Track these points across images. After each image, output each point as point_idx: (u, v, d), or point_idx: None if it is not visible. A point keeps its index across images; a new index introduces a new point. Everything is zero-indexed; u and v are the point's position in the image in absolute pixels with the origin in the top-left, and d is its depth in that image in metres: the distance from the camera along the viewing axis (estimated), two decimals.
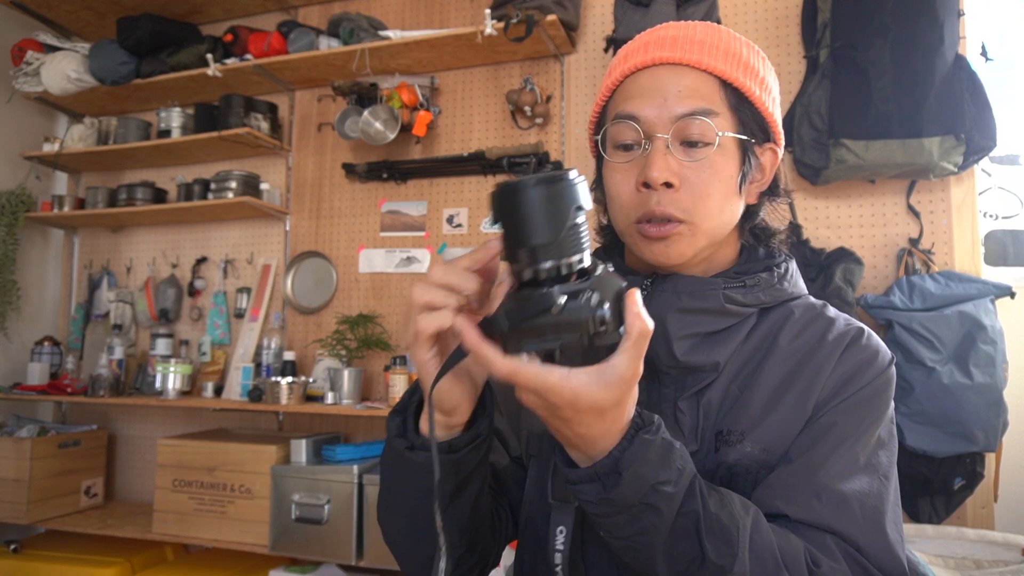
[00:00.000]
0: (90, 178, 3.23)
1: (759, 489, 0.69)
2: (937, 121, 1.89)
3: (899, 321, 1.91)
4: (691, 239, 0.74)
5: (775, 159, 0.80)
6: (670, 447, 0.59)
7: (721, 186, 0.73)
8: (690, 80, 0.74)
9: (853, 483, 0.67)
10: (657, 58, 0.75)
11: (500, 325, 0.53)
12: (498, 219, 0.54)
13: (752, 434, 0.71)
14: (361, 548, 2.21)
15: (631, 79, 0.77)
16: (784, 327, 0.76)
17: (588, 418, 0.55)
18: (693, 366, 0.73)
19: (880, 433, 0.71)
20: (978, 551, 1.71)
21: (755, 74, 0.77)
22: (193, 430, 2.84)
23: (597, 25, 2.51)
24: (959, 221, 2.05)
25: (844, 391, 0.71)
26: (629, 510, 0.57)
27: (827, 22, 2.06)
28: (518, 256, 0.54)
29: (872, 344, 0.75)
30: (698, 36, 0.76)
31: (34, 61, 2.81)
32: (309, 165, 2.87)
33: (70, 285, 3.20)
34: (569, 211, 0.52)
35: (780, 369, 0.73)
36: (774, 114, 0.79)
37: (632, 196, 0.74)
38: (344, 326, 2.62)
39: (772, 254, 0.82)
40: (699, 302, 0.73)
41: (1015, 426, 1.89)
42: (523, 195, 0.52)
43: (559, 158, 2.49)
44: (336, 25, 2.58)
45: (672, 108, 0.73)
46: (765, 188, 0.81)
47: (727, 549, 0.59)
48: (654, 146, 0.73)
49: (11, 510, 2.53)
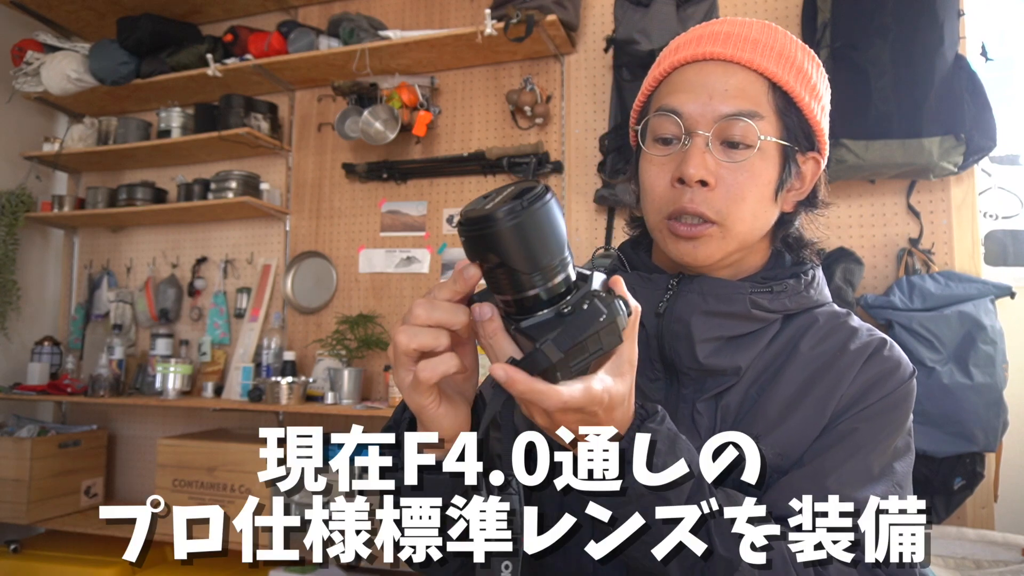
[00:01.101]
0: (90, 178, 3.23)
1: (770, 492, 0.68)
2: (937, 121, 1.89)
3: (899, 321, 1.91)
4: (721, 242, 0.72)
5: (817, 169, 0.79)
6: (676, 437, 0.59)
7: (757, 191, 0.72)
8: (738, 79, 0.72)
9: (865, 491, 0.66)
10: (707, 53, 0.73)
11: (551, 356, 0.50)
12: (497, 252, 0.49)
13: (767, 438, 0.70)
14: None
15: (679, 72, 0.75)
16: (807, 334, 0.75)
17: (614, 414, 0.55)
18: (714, 369, 0.72)
19: (897, 444, 0.71)
20: (978, 551, 1.71)
21: (807, 80, 0.76)
22: (193, 430, 2.84)
23: (597, 25, 2.51)
24: (959, 221, 2.05)
25: (864, 400, 0.71)
26: (639, 500, 0.57)
27: (827, 22, 2.05)
28: (532, 281, 0.50)
29: (895, 355, 0.74)
30: (753, 35, 0.75)
31: (34, 61, 2.81)
32: (309, 165, 2.87)
33: (70, 285, 3.20)
34: (563, 224, 0.51)
35: (800, 375, 0.73)
36: (821, 123, 0.77)
37: (666, 191, 0.73)
38: (344, 326, 2.62)
39: (800, 261, 0.81)
40: (725, 306, 0.72)
41: (1015, 426, 1.89)
42: (531, 218, 0.48)
43: (559, 158, 2.49)
44: (336, 25, 2.58)
45: (716, 106, 0.71)
46: (803, 197, 0.79)
47: (735, 543, 0.59)
48: (693, 143, 0.71)
49: (11, 510, 2.53)
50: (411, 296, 2.66)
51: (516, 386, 0.51)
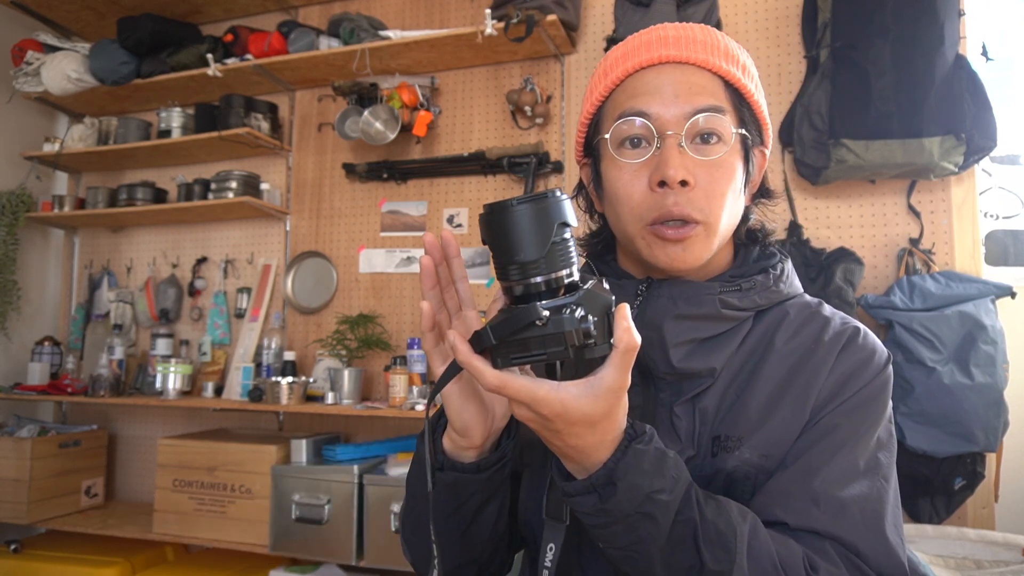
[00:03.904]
0: (90, 178, 3.23)
1: (757, 496, 0.68)
2: (937, 121, 1.89)
3: (899, 321, 1.91)
4: (706, 241, 0.72)
5: (764, 161, 0.80)
6: (663, 456, 0.59)
7: (730, 185, 0.73)
8: (698, 78, 0.73)
9: (852, 488, 0.66)
10: (663, 56, 0.74)
11: (487, 339, 0.55)
12: (487, 239, 0.57)
13: (751, 440, 0.70)
14: (361, 548, 2.21)
15: (635, 77, 0.75)
16: (780, 328, 0.75)
17: (579, 429, 0.56)
18: (689, 372, 0.72)
19: (880, 434, 0.70)
20: (978, 551, 1.70)
21: (751, 76, 0.77)
22: (193, 430, 2.84)
23: (597, 25, 2.51)
24: (959, 221, 2.05)
25: (842, 393, 0.70)
26: (625, 520, 0.58)
27: (827, 22, 2.05)
28: (508, 273, 0.56)
29: (869, 343, 0.74)
30: (699, 36, 0.75)
31: (34, 61, 2.81)
32: (309, 165, 2.87)
33: (70, 285, 3.20)
34: (554, 227, 0.54)
35: (777, 372, 0.72)
36: (766, 117, 0.79)
37: (645, 196, 0.72)
38: (344, 326, 2.62)
39: (767, 255, 0.81)
40: (695, 308, 0.72)
41: (1015, 426, 1.89)
42: (509, 214, 0.55)
43: (559, 158, 2.49)
44: (336, 25, 2.58)
45: (683, 105, 0.71)
46: (755, 190, 0.81)
47: (725, 556, 0.59)
48: (666, 143, 0.71)
49: (11, 510, 2.53)
50: (411, 296, 2.66)
51: (457, 355, 0.56)
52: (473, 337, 0.56)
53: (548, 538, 0.66)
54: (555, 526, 0.66)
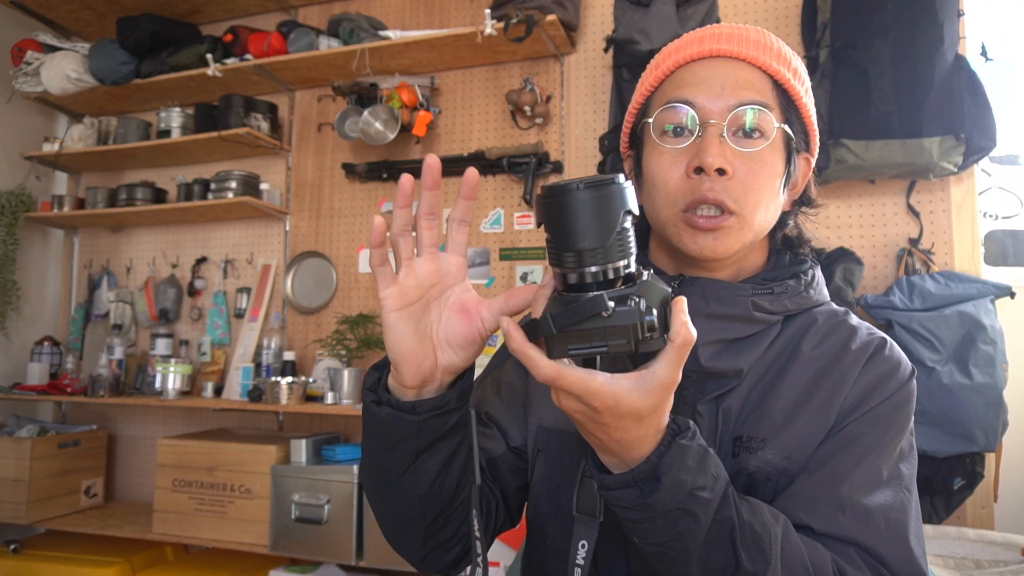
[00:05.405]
0: (90, 178, 3.23)
1: (781, 500, 0.68)
2: (937, 121, 1.89)
3: (899, 321, 1.91)
4: (739, 233, 0.72)
5: (808, 169, 0.80)
6: (706, 453, 0.59)
7: (770, 181, 0.73)
8: (747, 74, 0.74)
9: (877, 497, 0.67)
10: (715, 50, 0.74)
11: (546, 328, 0.52)
12: (544, 222, 0.53)
13: (774, 442, 0.70)
14: (361, 548, 2.21)
15: (684, 69, 0.76)
16: (807, 334, 0.75)
17: (627, 423, 0.55)
18: (716, 372, 0.72)
19: (902, 446, 0.71)
20: (978, 551, 1.70)
21: (802, 80, 0.77)
22: (193, 430, 2.84)
23: (597, 25, 2.51)
24: (959, 221, 2.05)
25: (867, 402, 0.71)
26: (666, 515, 0.57)
27: (827, 22, 2.05)
28: (564, 260, 0.53)
29: (895, 356, 0.75)
30: (752, 36, 0.76)
31: (34, 61, 2.81)
32: (309, 165, 2.87)
33: (70, 285, 3.20)
34: (618, 216, 0.51)
35: (803, 376, 0.73)
36: (814, 124, 0.79)
37: (681, 182, 0.72)
38: (344, 326, 2.62)
39: (799, 260, 0.81)
40: (727, 308, 0.72)
41: (1015, 426, 1.89)
42: (571, 199, 0.51)
43: (559, 158, 2.49)
44: (336, 25, 2.58)
45: (729, 97, 0.72)
46: (797, 197, 0.81)
47: (760, 557, 0.59)
48: (708, 132, 0.71)
49: (11, 510, 2.53)
50: None
51: (511, 342, 0.54)
52: (528, 324, 0.54)
53: (580, 534, 0.64)
54: (587, 521, 0.65)
